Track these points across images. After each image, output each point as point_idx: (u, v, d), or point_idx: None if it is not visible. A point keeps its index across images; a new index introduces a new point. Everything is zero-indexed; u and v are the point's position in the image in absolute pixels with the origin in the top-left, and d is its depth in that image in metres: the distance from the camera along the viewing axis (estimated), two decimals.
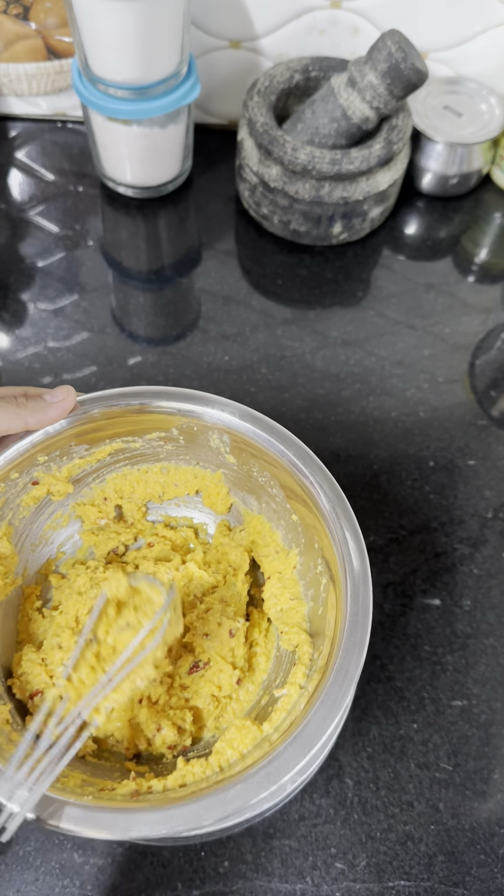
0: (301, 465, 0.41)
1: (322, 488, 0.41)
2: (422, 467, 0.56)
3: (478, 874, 0.42)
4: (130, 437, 0.46)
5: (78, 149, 0.71)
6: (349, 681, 0.35)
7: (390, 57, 0.54)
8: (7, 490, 0.43)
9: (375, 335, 0.62)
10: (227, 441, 0.44)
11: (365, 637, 0.36)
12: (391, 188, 0.62)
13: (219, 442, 0.45)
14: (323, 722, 0.34)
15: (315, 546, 0.42)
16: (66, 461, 0.45)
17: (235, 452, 0.45)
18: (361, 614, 0.37)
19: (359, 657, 0.36)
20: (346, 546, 0.39)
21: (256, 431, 0.42)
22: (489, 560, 0.52)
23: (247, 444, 0.43)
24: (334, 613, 0.38)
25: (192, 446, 0.46)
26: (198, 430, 0.44)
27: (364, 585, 0.38)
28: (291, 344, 0.61)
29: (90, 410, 0.43)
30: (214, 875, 0.42)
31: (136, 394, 0.44)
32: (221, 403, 0.43)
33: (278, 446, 0.42)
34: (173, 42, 0.56)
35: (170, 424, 0.45)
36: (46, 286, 0.63)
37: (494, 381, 0.60)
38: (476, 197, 0.70)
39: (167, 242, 0.67)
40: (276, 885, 0.42)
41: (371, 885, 0.42)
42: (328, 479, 0.41)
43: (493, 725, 0.46)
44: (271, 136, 0.59)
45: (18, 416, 0.39)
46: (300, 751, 0.34)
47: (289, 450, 0.42)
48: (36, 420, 0.40)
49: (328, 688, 0.35)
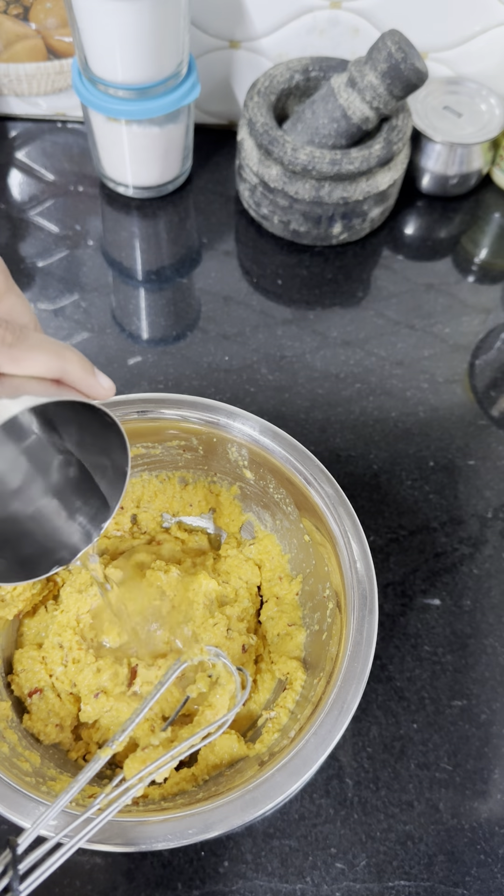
0: (318, 485, 0.41)
1: (337, 511, 0.40)
2: (422, 467, 0.56)
3: (478, 874, 0.42)
4: (151, 444, 0.46)
5: (78, 149, 0.71)
6: (346, 712, 0.35)
7: (390, 57, 0.54)
8: None
9: (375, 335, 0.62)
10: (245, 455, 0.44)
11: (366, 669, 0.36)
12: (391, 188, 0.62)
13: (238, 455, 0.45)
14: (314, 751, 0.34)
15: (325, 569, 0.42)
16: None
17: (253, 467, 0.45)
18: (365, 644, 0.36)
19: (357, 689, 0.35)
20: (355, 573, 0.38)
21: (276, 448, 0.42)
22: (489, 560, 0.52)
23: (265, 460, 0.43)
24: (338, 640, 0.38)
25: (210, 457, 0.46)
26: (217, 442, 0.44)
27: (370, 615, 0.37)
28: (291, 344, 0.61)
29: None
30: (214, 875, 0.42)
31: (159, 401, 0.43)
32: (243, 417, 0.43)
33: (296, 464, 0.41)
34: (173, 42, 0.56)
35: (190, 434, 0.44)
36: (46, 286, 0.63)
37: (494, 381, 0.60)
38: (476, 197, 0.70)
39: (167, 242, 0.67)
40: (276, 885, 0.42)
41: (371, 884, 0.42)
42: (343, 502, 0.40)
43: (493, 725, 0.46)
44: (271, 137, 0.59)
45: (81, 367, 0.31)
46: (289, 778, 0.34)
47: (307, 469, 0.41)
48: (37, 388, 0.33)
49: (323, 717, 0.35)
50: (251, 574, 0.47)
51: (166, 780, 0.40)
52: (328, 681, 0.37)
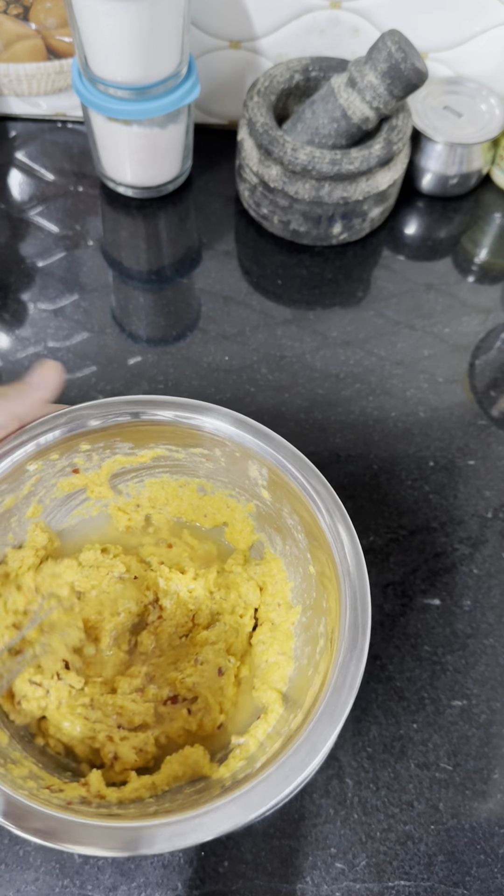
0: (332, 522, 0.40)
1: (346, 550, 0.39)
2: (422, 467, 0.56)
3: (478, 874, 0.42)
4: (175, 447, 0.45)
5: (78, 149, 0.71)
6: (314, 752, 0.34)
7: (390, 57, 0.54)
8: (44, 469, 0.43)
9: (375, 335, 0.62)
10: (265, 475, 0.43)
11: (343, 712, 0.35)
12: (391, 188, 0.62)
13: (258, 474, 0.44)
14: (274, 788, 0.33)
15: (323, 605, 0.41)
16: (108, 455, 0.45)
17: (272, 488, 0.44)
18: (347, 689, 0.35)
19: (331, 730, 0.34)
20: (353, 614, 0.37)
21: (295, 474, 0.41)
22: (489, 560, 0.52)
23: (284, 483, 0.42)
24: (322, 678, 0.37)
25: (231, 470, 0.45)
26: (240, 457, 0.44)
27: (358, 660, 0.36)
28: (291, 344, 0.61)
29: (141, 415, 0.42)
30: (214, 875, 0.42)
31: (193, 408, 0.43)
32: (268, 437, 0.42)
33: (314, 496, 0.41)
34: (173, 42, 0.56)
35: (214, 445, 0.44)
36: (46, 286, 0.63)
37: (494, 381, 0.60)
38: (476, 197, 0.70)
39: (167, 242, 0.67)
40: (276, 885, 0.42)
41: (371, 884, 0.42)
42: (354, 542, 0.39)
43: (493, 725, 0.46)
44: (271, 137, 0.59)
45: (6, 410, 0.37)
46: (241, 811, 0.33)
47: (324, 503, 0.40)
48: (24, 408, 0.38)
49: (289, 756, 0.34)
50: (251, 594, 0.46)
51: (125, 783, 0.39)
52: (305, 717, 0.36)
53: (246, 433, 0.42)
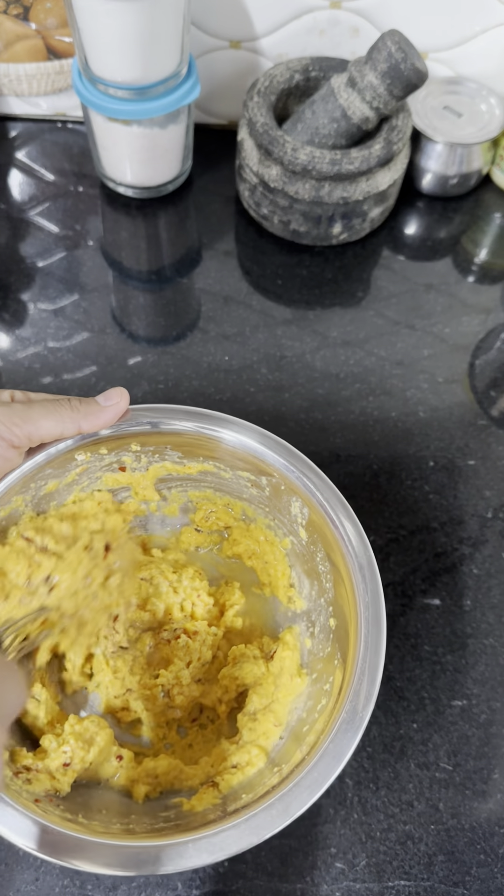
0: (361, 578, 0.39)
1: (368, 611, 0.38)
2: (422, 467, 0.56)
3: (478, 874, 0.42)
4: (223, 466, 0.45)
5: (78, 149, 0.71)
6: (288, 815, 0.34)
7: (390, 57, 0.54)
8: (92, 461, 0.43)
9: (375, 335, 0.62)
10: (306, 514, 0.43)
11: (326, 781, 0.34)
12: (391, 188, 0.62)
13: (298, 512, 0.43)
14: (282, 813, 0.34)
15: (334, 663, 0.40)
16: (157, 459, 0.45)
17: (309, 529, 0.43)
18: (334, 758, 0.35)
19: (310, 796, 0.34)
20: (361, 684, 0.36)
21: (338, 521, 0.41)
22: (489, 560, 0.52)
23: (321, 527, 0.42)
24: (314, 739, 0.37)
25: (274, 501, 0.45)
26: (284, 490, 0.43)
27: (354, 732, 0.35)
28: (291, 344, 0.61)
29: (200, 430, 0.43)
30: (214, 875, 0.42)
31: (246, 430, 0.43)
32: (315, 476, 0.42)
33: (351, 548, 0.40)
34: (173, 42, 0.56)
35: (261, 473, 0.44)
36: (46, 286, 0.63)
37: (494, 381, 0.60)
38: (476, 197, 0.70)
39: (167, 242, 0.67)
40: (276, 884, 0.42)
41: (371, 884, 0.42)
42: (378, 603, 0.38)
43: (492, 725, 0.46)
44: (271, 137, 0.59)
45: (73, 420, 0.40)
46: (246, 834, 0.33)
47: (358, 556, 0.40)
48: (89, 424, 0.40)
49: (259, 813, 0.34)
50: (250, 674, 0.44)
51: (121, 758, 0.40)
52: (286, 776, 0.36)
53: (294, 468, 0.42)
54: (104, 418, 0.41)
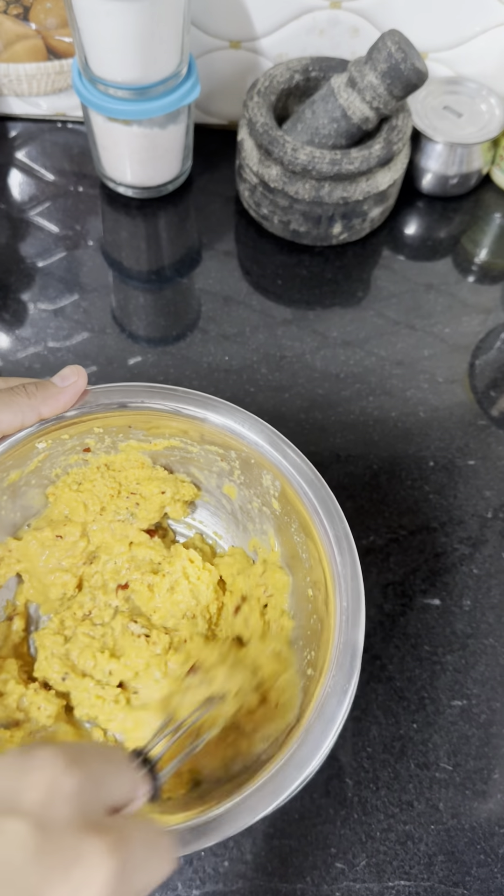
0: (336, 551, 0.38)
1: (346, 582, 0.37)
2: (422, 467, 0.56)
3: (478, 874, 0.42)
4: (189, 441, 0.44)
5: (78, 149, 0.71)
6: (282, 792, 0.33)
7: (390, 57, 0.54)
8: (54, 447, 0.43)
9: (375, 335, 0.62)
10: (278, 487, 0.42)
11: (312, 760, 0.33)
12: (391, 188, 0.62)
13: (270, 484, 0.43)
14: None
15: (316, 634, 0.39)
16: (121, 439, 0.45)
17: (282, 501, 0.42)
18: (322, 735, 0.34)
19: (299, 773, 0.33)
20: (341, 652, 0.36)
21: (308, 494, 0.39)
22: (489, 560, 0.52)
23: (294, 503, 0.41)
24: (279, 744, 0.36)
25: (245, 473, 0.44)
26: (254, 464, 0.42)
27: (329, 725, 0.34)
28: (291, 344, 0.61)
29: (150, 405, 0.42)
30: (214, 875, 0.42)
31: (207, 403, 0.42)
32: (286, 449, 0.40)
33: (324, 522, 0.39)
34: (173, 42, 0.56)
35: (229, 447, 0.43)
36: (46, 286, 0.63)
37: (494, 381, 0.60)
38: (476, 197, 0.70)
39: (167, 242, 0.67)
40: (276, 885, 0.42)
41: (371, 884, 0.42)
42: (356, 575, 0.37)
43: (492, 725, 0.46)
44: (271, 137, 0.59)
45: (31, 408, 0.38)
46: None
47: (332, 529, 0.38)
48: (49, 409, 0.39)
49: (251, 793, 0.34)
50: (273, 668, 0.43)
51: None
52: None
53: (263, 441, 0.41)
54: (63, 400, 0.39)
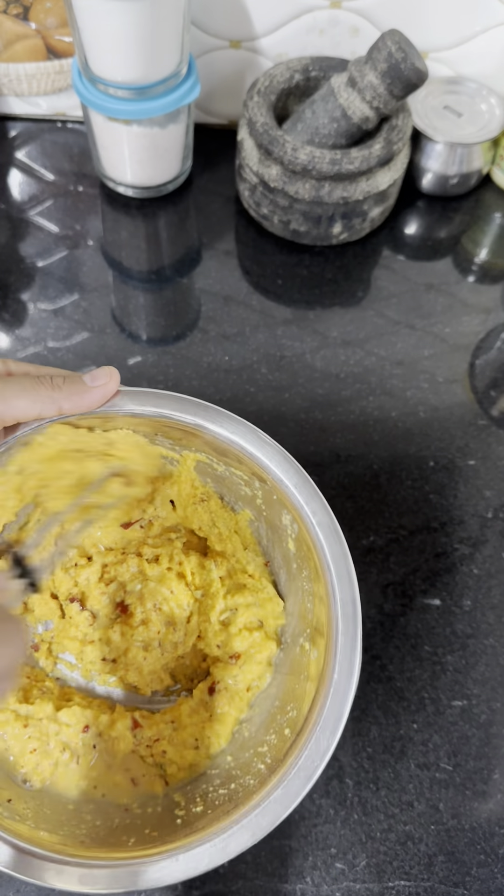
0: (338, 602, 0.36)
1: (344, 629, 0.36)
2: (422, 467, 0.56)
3: (478, 874, 0.42)
4: (216, 459, 0.43)
5: (78, 149, 0.71)
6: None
7: (390, 57, 0.54)
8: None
9: (375, 335, 0.62)
10: (295, 530, 0.40)
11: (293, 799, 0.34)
12: (391, 188, 0.62)
13: (288, 525, 0.41)
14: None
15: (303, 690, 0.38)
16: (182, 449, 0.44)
17: (298, 544, 0.41)
18: (330, 733, 0.34)
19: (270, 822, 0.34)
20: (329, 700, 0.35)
21: (324, 545, 0.37)
22: (489, 560, 0.52)
23: (308, 549, 0.39)
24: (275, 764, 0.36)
25: (267, 507, 0.43)
26: (276, 501, 0.40)
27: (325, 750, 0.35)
28: (291, 344, 0.61)
29: (183, 419, 0.40)
30: (214, 875, 0.42)
31: (241, 430, 0.39)
32: (309, 494, 0.38)
33: (334, 583, 0.37)
34: (173, 42, 0.56)
35: (254, 478, 0.41)
36: (46, 286, 0.63)
37: (494, 381, 0.60)
38: (476, 197, 0.70)
39: (167, 242, 0.67)
40: (276, 885, 0.42)
41: (371, 885, 0.42)
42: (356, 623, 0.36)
43: (493, 725, 0.46)
44: (271, 136, 0.59)
45: (52, 400, 0.36)
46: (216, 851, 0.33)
47: (340, 593, 0.37)
48: (72, 405, 0.36)
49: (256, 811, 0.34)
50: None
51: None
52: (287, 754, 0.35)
53: (289, 481, 0.38)
54: (89, 400, 0.37)
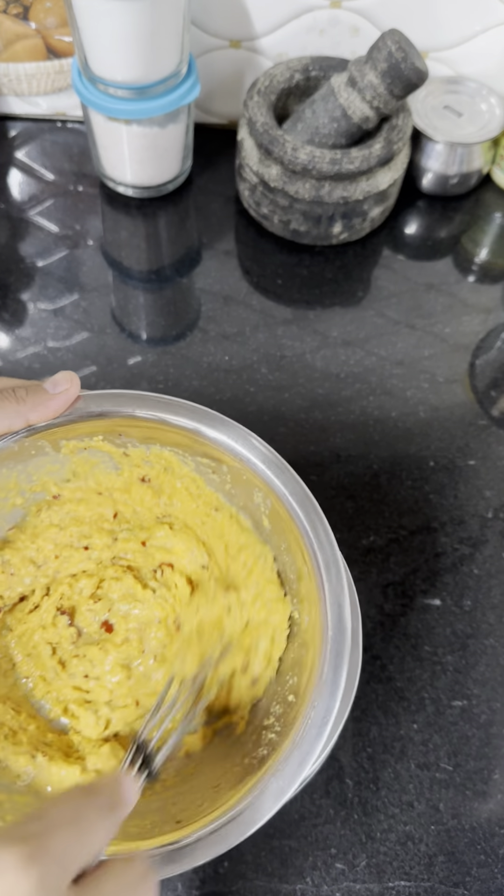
0: (325, 573, 0.36)
1: (335, 605, 0.36)
2: (422, 467, 0.56)
3: (478, 874, 0.42)
4: (182, 452, 0.43)
5: (78, 149, 0.71)
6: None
7: (390, 57, 0.53)
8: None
9: (375, 335, 0.62)
10: (269, 505, 0.41)
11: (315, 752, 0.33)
12: (391, 188, 0.62)
13: (261, 502, 0.41)
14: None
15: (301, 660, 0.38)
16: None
17: (273, 519, 0.41)
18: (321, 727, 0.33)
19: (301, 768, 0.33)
20: (330, 681, 0.34)
21: (300, 516, 0.38)
22: (489, 560, 0.52)
23: (287, 521, 0.39)
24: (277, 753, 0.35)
25: (236, 488, 0.43)
26: (246, 480, 0.41)
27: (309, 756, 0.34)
28: (291, 344, 0.61)
29: (137, 413, 0.40)
30: (214, 875, 0.42)
31: (199, 415, 0.40)
32: (279, 469, 0.39)
33: (314, 546, 0.37)
34: (173, 42, 0.56)
35: (222, 461, 0.42)
36: (46, 286, 0.63)
37: (494, 381, 0.60)
38: (476, 197, 0.70)
39: (167, 242, 0.67)
40: (276, 885, 0.42)
41: (371, 885, 0.42)
42: (353, 601, 0.36)
43: (493, 725, 0.46)
44: (271, 136, 0.59)
45: (18, 413, 0.37)
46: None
47: (321, 553, 0.37)
48: (38, 415, 0.37)
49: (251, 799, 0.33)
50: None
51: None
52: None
53: (255, 458, 0.39)
54: (53, 407, 0.38)
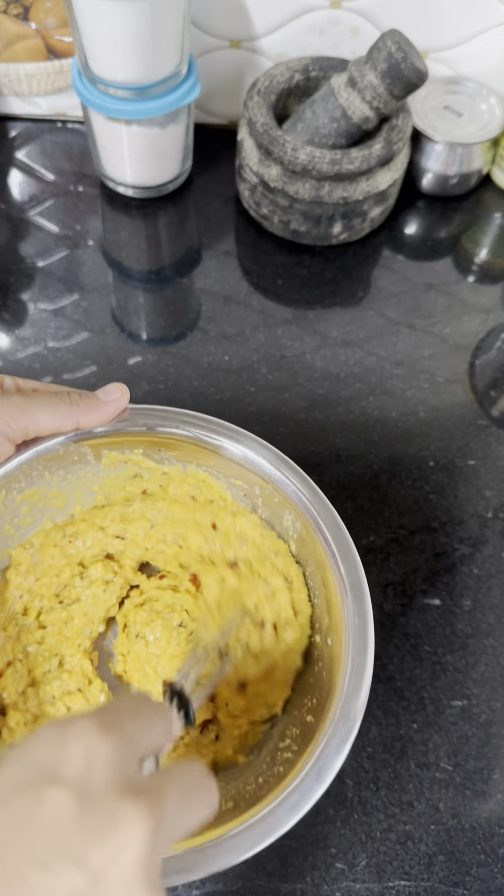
0: (347, 599, 0.37)
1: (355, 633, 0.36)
2: (422, 467, 0.56)
3: (478, 874, 0.42)
4: (215, 471, 0.44)
5: (78, 149, 0.71)
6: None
7: (390, 57, 0.54)
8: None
9: (375, 335, 0.62)
10: (298, 528, 0.41)
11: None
12: (391, 188, 0.62)
13: (290, 525, 0.42)
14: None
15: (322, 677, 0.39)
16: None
17: (300, 544, 0.42)
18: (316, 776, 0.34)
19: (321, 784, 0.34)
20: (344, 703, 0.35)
21: (328, 540, 0.39)
22: (489, 560, 0.52)
23: (314, 546, 0.40)
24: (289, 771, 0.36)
25: (267, 509, 0.44)
26: (278, 503, 0.42)
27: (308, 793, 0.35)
28: (291, 344, 0.61)
29: (171, 429, 0.42)
30: (214, 875, 0.42)
31: (237, 437, 0.41)
32: (312, 492, 0.40)
33: (341, 571, 0.38)
34: (173, 42, 0.56)
35: (253, 483, 0.42)
36: (46, 286, 0.63)
37: (494, 381, 0.60)
38: (476, 197, 0.70)
39: (167, 242, 0.67)
40: (276, 884, 0.42)
41: (371, 885, 0.42)
42: (366, 626, 0.36)
43: (493, 725, 0.46)
44: (271, 136, 0.59)
45: (71, 416, 0.39)
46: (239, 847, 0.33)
47: (348, 577, 0.38)
48: (88, 419, 0.40)
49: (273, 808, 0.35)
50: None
51: None
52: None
53: (289, 480, 0.40)
54: (103, 414, 0.40)
